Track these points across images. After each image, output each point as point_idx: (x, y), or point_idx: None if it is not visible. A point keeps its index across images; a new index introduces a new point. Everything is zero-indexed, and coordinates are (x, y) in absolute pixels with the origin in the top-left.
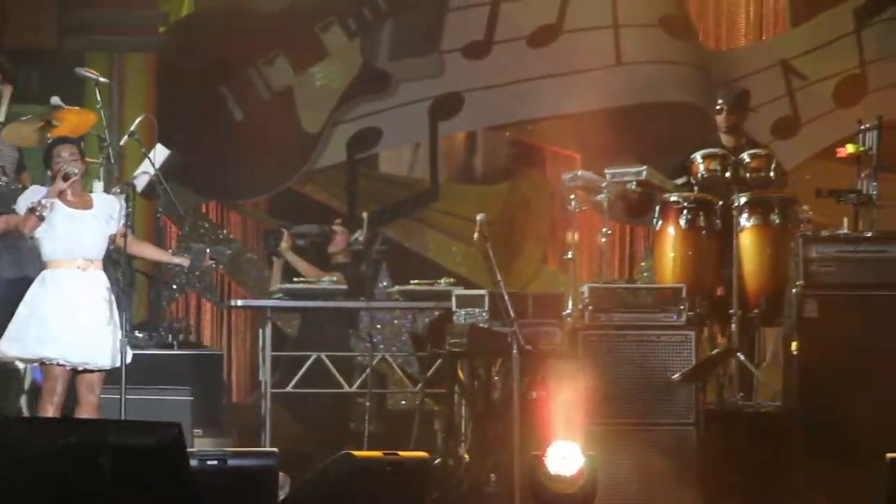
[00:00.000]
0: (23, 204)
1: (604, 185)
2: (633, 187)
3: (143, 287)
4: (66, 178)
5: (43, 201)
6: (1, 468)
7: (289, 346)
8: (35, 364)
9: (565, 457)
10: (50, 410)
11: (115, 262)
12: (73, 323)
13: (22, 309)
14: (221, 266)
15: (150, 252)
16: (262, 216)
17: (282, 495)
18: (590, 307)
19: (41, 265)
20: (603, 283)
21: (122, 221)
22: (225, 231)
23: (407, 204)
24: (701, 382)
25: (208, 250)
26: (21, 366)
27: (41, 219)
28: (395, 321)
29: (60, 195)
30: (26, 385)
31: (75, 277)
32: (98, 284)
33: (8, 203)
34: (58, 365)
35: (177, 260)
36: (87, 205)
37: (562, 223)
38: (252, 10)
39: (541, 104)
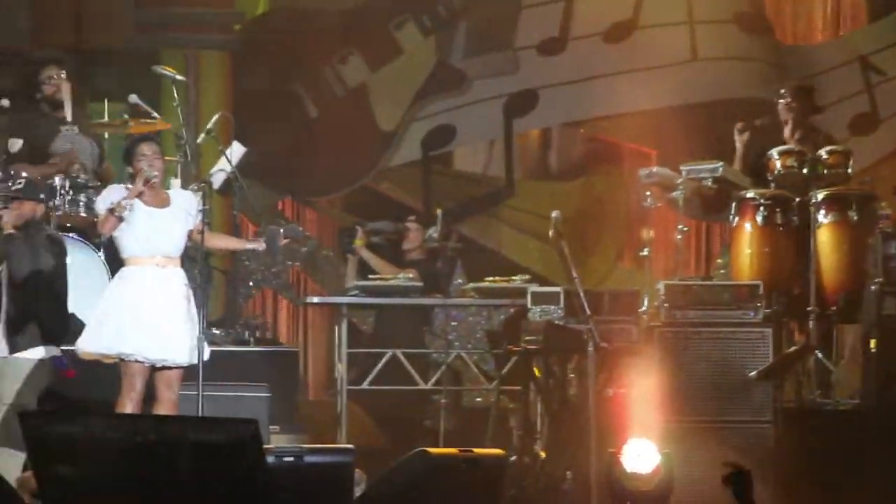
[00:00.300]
0: (102, 204)
1: (679, 181)
2: (710, 184)
3: (220, 284)
4: (146, 181)
5: (123, 202)
6: (81, 463)
7: (364, 343)
8: (110, 359)
9: (641, 454)
10: (129, 407)
11: (192, 258)
12: (151, 319)
13: (101, 305)
14: (297, 263)
15: (226, 242)
16: (337, 213)
17: (358, 492)
18: (666, 304)
19: (60, 260)
20: (679, 280)
21: (199, 218)
22: (301, 228)
23: (482, 201)
24: (778, 380)
25: (282, 230)
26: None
27: (121, 219)
28: (471, 318)
29: (139, 194)
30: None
31: (154, 274)
32: (177, 281)
33: (37, 192)
34: (136, 361)
35: (251, 245)
36: (165, 202)
37: (637, 220)
38: (326, 8)
39: (616, 100)
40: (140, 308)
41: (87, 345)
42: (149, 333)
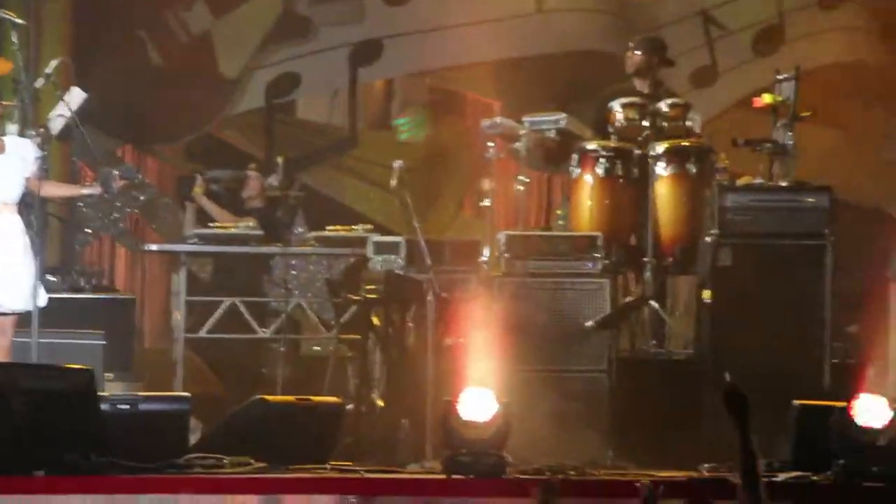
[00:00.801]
0: None
1: (522, 132)
2: (552, 135)
3: (57, 230)
4: None
5: None
6: None
7: (203, 291)
8: None
9: (478, 403)
10: None
11: (29, 205)
12: None
13: None
14: (136, 210)
15: (63, 190)
16: (178, 161)
17: (193, 439)
18: (506, 254)
19: None
20: (519, 230)
21: (37, 164)
22: (140, 176)
23: (325, 151)
24: (614, 330)
25: (116, 172)
26: None
27: None
28: (311, 267)
29: None
30: None
31: None
32: (10, 227)
33: None
34: None
35: (88, 191)
36: (0, 149)
37: (479, 171)
38: None
39: (461, 51)
40: None
41: None
42: None
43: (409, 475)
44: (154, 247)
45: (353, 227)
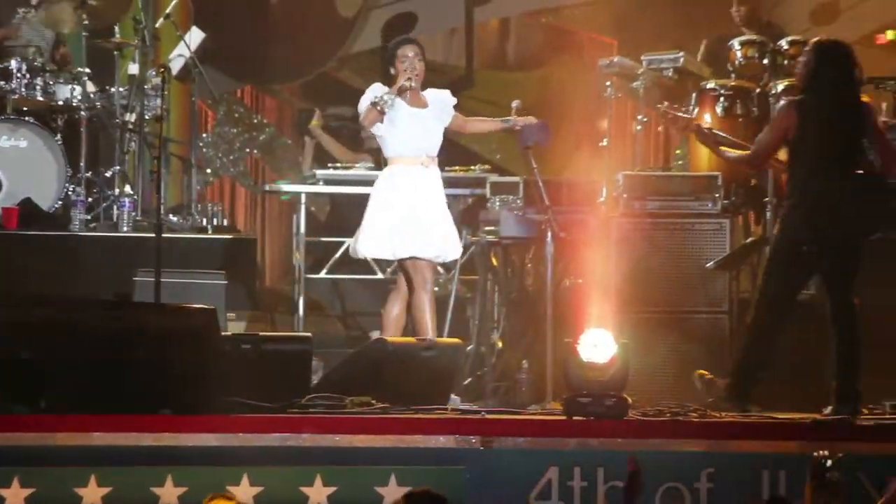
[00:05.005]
0: (364, 101)
1: (640, 71)
2: (670, 74)
3: (178, 170)
4: (401, 90)
5: (385, 97)
6: (35, 347)
7: (322, 232)
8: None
9: (597, 344)
10: (427, 300)
11: (151, 144)
12: (421, 219)
13: (378, 210)
14: (255, 151)
15: (483, 126)
16: (296, 101)
17: (315, 379)
18: (624, 195)
19: None
20: (638, 170)
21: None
22: (259, 116)
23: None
24: (735, 270)
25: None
26: None
27: (382, 113)
28: None
29: (401, 94)
30: None
31: (420, 174)
32: (437, 180)
33: None
34: (421, 259)
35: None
36: (424, 104)
37: (597, 110)
38: None
39: None
40: (415, 209)
41: (376, 250)
42: (423, 232)
43: (529, 416)
44: (274, 187)
45: (471, 167)
